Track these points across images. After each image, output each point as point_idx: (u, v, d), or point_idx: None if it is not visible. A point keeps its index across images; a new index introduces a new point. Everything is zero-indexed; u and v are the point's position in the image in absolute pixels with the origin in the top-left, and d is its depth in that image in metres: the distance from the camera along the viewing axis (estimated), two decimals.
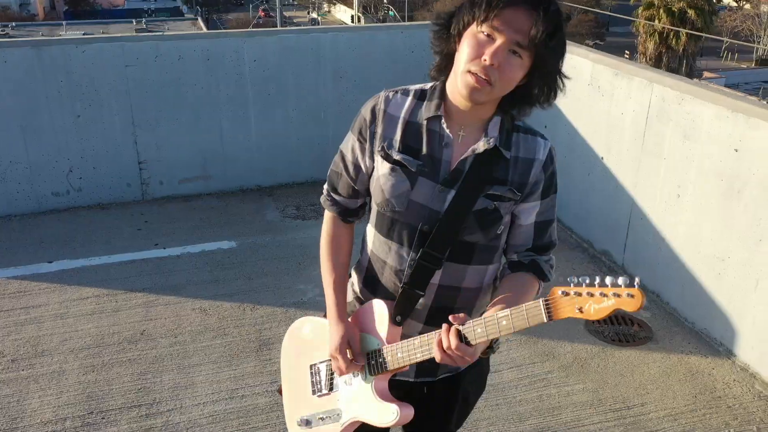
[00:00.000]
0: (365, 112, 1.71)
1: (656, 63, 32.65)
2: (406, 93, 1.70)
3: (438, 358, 1.56)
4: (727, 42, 40.10)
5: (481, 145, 1.62)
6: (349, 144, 1.75)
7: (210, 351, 3.61)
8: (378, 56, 5.51)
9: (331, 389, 1.83)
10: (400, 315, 1.72)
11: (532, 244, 1.76)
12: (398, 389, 1.78)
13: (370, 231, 1.79)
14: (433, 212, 1.65)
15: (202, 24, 37.06)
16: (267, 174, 5.58)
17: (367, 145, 1.70)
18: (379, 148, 1.67)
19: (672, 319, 3.99)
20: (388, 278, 1.75)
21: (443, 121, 1.63)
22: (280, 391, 1.97)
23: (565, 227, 5.01)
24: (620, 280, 1.36)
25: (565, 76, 1.61)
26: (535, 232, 1.75)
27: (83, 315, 3.91)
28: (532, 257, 1.77)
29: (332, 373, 1.83)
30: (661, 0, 33.52)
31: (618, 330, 3.90)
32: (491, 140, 1.62)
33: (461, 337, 1.52)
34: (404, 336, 1.71)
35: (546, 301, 1.44)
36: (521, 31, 1.49)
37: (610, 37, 47.74)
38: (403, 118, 1.67)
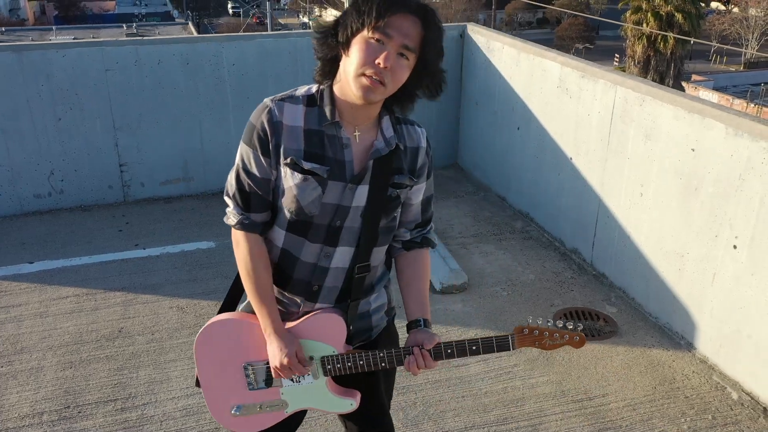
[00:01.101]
0: (261, 125, 1.75)
1: (645, 66, 32.88)
2: (295, 100, 1.78)
3: (413, 372, 1.86)
4: (715, 45, 40.42)
5: (383, 147, 1.79)
6: (252, 161, 1.78)
7: (186, 347, 3.70)
8: None
9: (269, 385, 1.96)
10: (351, 325, 1.92)
11: (422, 219, 1.98)
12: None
13: (279, 231, 1.85)
14: (343, 208, 1.80)
15: (192, 29, 37.08)
16: None
17: (271, 159, 1.76)
18: (288, 161, 1.75)
19: (637, 314, 4.11)
20: (300, 273, 1.87)
21: (340, 125, 1.77)
22: (198, 384, 2.02)
23: (538, 226, 5.13)
24: (568, 326, 1.84)
25: (444, 71, 1.78)
26: (423, 207, 1.97)
27: (62, 314, 3.99)
28: (421, 234, 2.00)
29: (270, 372, 1.94)
30: (649, 4, 33.77)
31: (585, 325, 4.01)
32: (392, 141, 1.81)
33: (431, 354, 1.85)
34: None
35: (512, 336, 1.83)
36: (409, 36, 1.66)
37: (600, 41, 48.03)
38: (302, 128, 1.76)
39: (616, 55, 41.85)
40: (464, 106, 6.06)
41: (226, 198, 1.86)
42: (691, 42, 31.13)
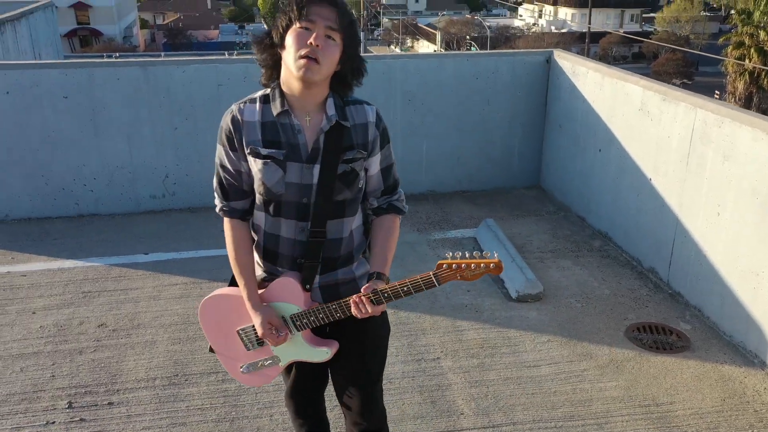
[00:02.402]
0: (226, 126, 2.11)
1: (746, 103, 31.72)
2: (253, 101, 2.13)
3: (358, 316, 2.09)
4: None
5: (326, 125, 2.09)
6: (224, 157, 2.14)
7: None
8: (445, 81, 5.96)
9: (261, 344, 2.31)
10: (308, 284, 2.20)
11: (384, 186, 2.25)
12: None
13: (260, 215, 2.19)
14: (306, 186, 2.11)
15: None
16: None
17: (239, 152, 2.10)
18: (248, 151, 2.08)
19: (711, 332, 4.18)
20: (284, 248, 2.19)
21: (291, 114, 2.09)
22: (211, 350, 2.39)
23: (616, 245, 5.26)
24: (485, 255, 1.99)
25: (364, 60, 2.13)
26: (383, 176, 2.24)
27: (173, 298, 4.47)
28: (387, 201, 2.27)
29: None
30: (752, 39, 32.71)
31: (657, 338, 4.12)
32: (332, 118, 2.09)
33: (372, 301, 2.07)
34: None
35: (435, 273, 2.02)
36: (330, 19, 2.00)
37: (699, 77, 46.62)
38: (258, 121, 2.09)
39: (717, 91, 40.53)
40: (548, 129, 6.27)
41: (214, 193, 2.22)
42: None
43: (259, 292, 2.22)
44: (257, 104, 2.11)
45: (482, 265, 1.99)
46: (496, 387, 3.63)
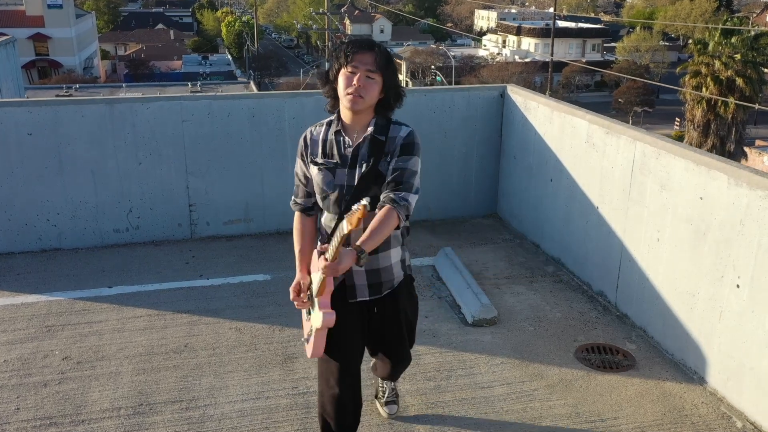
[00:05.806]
0: (300, 143, 2.94)
1: (704, 130, 32.71)
2: (321, 125, 2.92)
3: (324, 273, 2.62)
4: None
5: (363, 139, 2.79)
6: (298, 165, 2.97)
7: (242, 361, 4.19)
8: (403, 116, 6.17)
9: (309, 315, 2.95)
10: (380, 275, 2.94)
11: (390, 178, 2.79)
12: (359, 311, 2.97)
13: (325, 214, 2.93)
14: (349, 186, 2.81)
15: (254, 87, 38.81)
16: None
17: (306, 162, 2.90)
18: (309, 160, 2.88)
19: (655, 351, 4.42)
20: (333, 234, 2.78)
21: (342, 133, 2.84)
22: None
23: (568, 271, 5.50)
24: (354, 206, 2.36)
25: (403, 88, 2.87)
26: (392, 173, 2.78)
27: (137, 330, 4.55)
28: (387, 195, 2.78)
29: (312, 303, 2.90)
30: (708, 69, 33.86)
31: (604, 358, 4.34)
32: (369, 131, 2.79)
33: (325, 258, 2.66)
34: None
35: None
36: (369, 63, 2.70)
37: (660, 105, 47.98)
38: (321, 139, 2.88)
39: (677, 119, 41.72)
40: (503, 161, 6.54)
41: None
42: (755, 107, 30.81)
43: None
44: (323, 127, 2.90)
45: (359, 208, 2.32)
46: (451, 408, 3.79)
